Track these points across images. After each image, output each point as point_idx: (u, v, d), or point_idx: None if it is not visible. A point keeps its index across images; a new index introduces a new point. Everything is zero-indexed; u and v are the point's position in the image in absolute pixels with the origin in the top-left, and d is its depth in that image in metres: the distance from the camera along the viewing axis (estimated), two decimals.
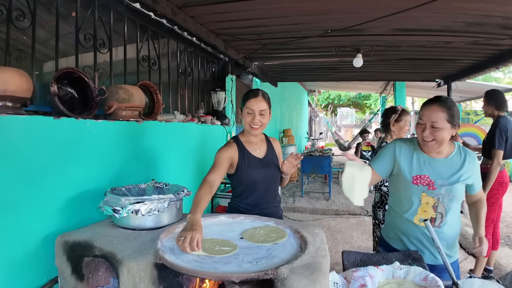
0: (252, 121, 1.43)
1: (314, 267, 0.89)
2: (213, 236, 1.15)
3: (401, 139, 1.45)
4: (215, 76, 3.35)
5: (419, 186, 1.32)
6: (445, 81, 4.71)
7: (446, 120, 1.23)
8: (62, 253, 1.19)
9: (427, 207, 1.32)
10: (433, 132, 1.24)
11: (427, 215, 1.33)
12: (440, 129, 1.23)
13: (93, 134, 1.51)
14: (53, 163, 1.31)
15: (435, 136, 1.25)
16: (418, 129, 1.30)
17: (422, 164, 1.33)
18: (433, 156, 1.33)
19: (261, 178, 1.48)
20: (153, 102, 2.10)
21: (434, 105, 1.26)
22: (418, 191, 1.33)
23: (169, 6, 1.91)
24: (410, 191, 1.34)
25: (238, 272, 0.85)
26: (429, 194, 1.31)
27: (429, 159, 1.33)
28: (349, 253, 1.32)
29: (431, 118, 1.24)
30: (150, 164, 1.96)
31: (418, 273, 1.11)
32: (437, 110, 1.24)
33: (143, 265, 0.99)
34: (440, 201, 1.31)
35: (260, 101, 1.43)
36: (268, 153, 1.54)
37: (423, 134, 1.27)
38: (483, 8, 2.02)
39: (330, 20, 2.22)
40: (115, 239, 1.16)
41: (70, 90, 1.59)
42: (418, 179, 1.33)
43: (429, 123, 1.25)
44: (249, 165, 1.47)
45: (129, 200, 1.22)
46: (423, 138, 1.27)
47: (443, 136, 1.25)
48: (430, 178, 1.31)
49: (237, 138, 1.53)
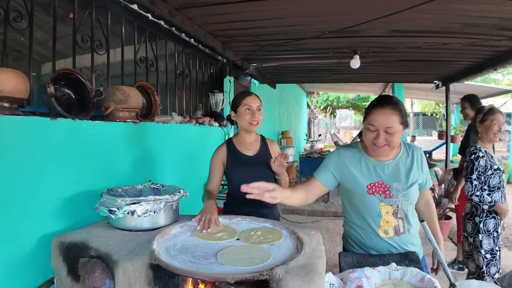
0: (252, 117, 1.50)
1: (309, 268, 0.89)
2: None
3: (343, 146, 1.37)
4: (213, 77, 3.36)
5: (376, 196, 1.24)
6: (443, 82, 4.72)
7: (399, 123, 1.16)
8: (58, 254, 1.19)
9: (388, 217, 1.25)
10: (388, 137, 1.16)
11: (390, 224, 1.26)
12: (394, 133, 1.16)
13: (90, 135, 1.51)
14: (49, 164, 1.31)
15: (389, 141, 1.16)
16: (369, 134, 1.19)
17: (372, 170, 1.25)
18: (381, 160, 1.26)
19: (251, 175, 1.47)
20: (150, 103, 2.10)
21: (385, 109, 1.16)
22: (375, 202, 1.24)
23: (166, 7, 1.91)
24: (367, 202, 1.25)
25: (233, 273, 0.85)
26: (387, 203, 1.24)
27: (378, 163, 1.26)
28: (345, 254, 1.32)
29: (384, 124, 1.15)
30: (147, 165, 1.95)
31: (415, 274, 1.10)
32: (389, 113, 1.15)
33: (138, 265, 0.99)
34: (399, 207, 1.25)
35: (256, 98, 1.53)
36: (259, 152, 1.57)
37: (376, 140, 1.17)
38: (480, 9, 2.02)
39: (327, 22, 2.23)
40: (111, 240, 1.16)
41: (67, 91, 1.59)
42: (373, 187, 1.24)
43: (382, 128, 1.15)
44: (237, 162, 1.52)
45: (125, 201, 1.22)
46: (375, 143, 1.18)
47: (397, 140, 1.18)
48: (385, 184, 1.24)
49: (229, 140, 1.61)
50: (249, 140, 1.57)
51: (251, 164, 1.53)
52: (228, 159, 1.54)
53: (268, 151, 1.59)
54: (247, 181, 1.47)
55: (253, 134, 1.57)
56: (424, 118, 17.52)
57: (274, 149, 1.61)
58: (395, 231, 1.26)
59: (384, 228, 1.26)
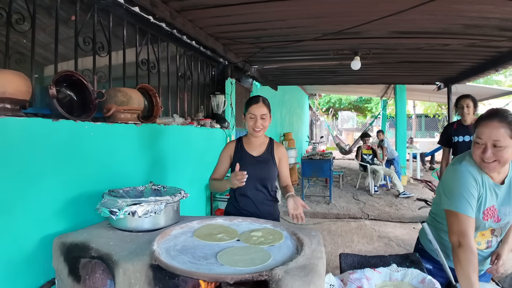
0: (255, 124, 1.56)
1: (309, 268, 0.88)
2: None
3: (465, 162, 1.20)
4: (215, 79, 3.37)
5: (488, 221, 1.18)
6: (445, 84, 4.71)
7: (509, 137, 1.08)
8: (59, 254, 1.20)
9: (485, 231, 1.23)
10: (496, 152, 1.09)
11: (485, 238, 1.24)
12: (503, 147, 1.08)
13: (91, 136, 1.52)
14: (51, 165, 1.32)
15: (498, 156, 1.09)
16: (477, 149, 1.14)
17: (489, 193, 1.17)
18: (496, 182, 1.18)
19: (252, 173, 1.53)
20: (152, 105, 2.11)
21: (493, 121, 1.10)
22: (485, 226, 1.19)
23: (167, 9, 1.93)
24: (477, 227, 1.18)
25: (232, 273, 0.85)
26: (494, 227, 1.22)
27: (494, 185, 1.18)
28: (346, 256, 1.31)
29: (492, 137, 1.09)
30: (149, 166, 1.96)
31: (416, 275, 1.10)
32: (497, 126, 1.08)
33: (138, 266, 0.99)
34: (503, 230, 1.24)
35: (261, 107, 1.57)
36: (264, 153, 1.64)
37: (483, 155, 1.11)
38: (481, 10, 2.02)
39: (328, 23, 2.23)
40: (112, 241, 1.17)
41: (69, 93, 1.60)
42: (488, 213, 1.17)
43: (490, 142, 1.09)
44: (242, 160, 1.58)
45: (126, 201, 1.22)
46: (483, 159, 1.12)
47: (507, 156, 1.09)
48: (496, 208, 1.18)
49: (240, 138, 1.70)
50: (256, 142, 1.64)
51: (254, 163, 1.59)
52: (234, 155, 1.63)
53: (272, 153, 1.65)
54: (247, 179, 1.51)
55: (261, 137, 1.63)
56: (427, 119, 17.45)
57: (279, 152, 1.65)
58: (487, 245, 1.25)
59: (478, 240, 1.24)
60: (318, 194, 5.82)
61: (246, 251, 1.03)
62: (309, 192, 5.91)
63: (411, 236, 3.64)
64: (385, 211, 4.64)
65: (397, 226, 4.13)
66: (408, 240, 3.50)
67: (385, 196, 5.63)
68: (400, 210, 4.73)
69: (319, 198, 5.52)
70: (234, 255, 1.00)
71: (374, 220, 4.36)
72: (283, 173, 1.65)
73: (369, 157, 6.05)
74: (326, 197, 5.43)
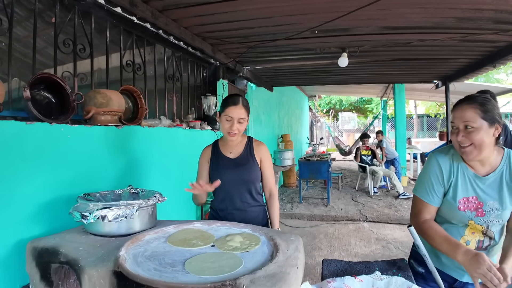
0: (231, 128, 1.42)
1: (278, 277, 0.82)
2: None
3: (438, 150, 1.22)
4: (206, 81, 3.33)
5: (466, 213, 1.14)
6: (443, 82, 4.63)
7: (480, 117, 1.05)
8: (31, 259, 1.17)
9: (475, 230, 1.18)
10: (467, 134, 1.06)
11: (475, 237, 1.17)
12: (475, 129, 1.05)
13: (68, 139, 1.48)
14: (25, 168, 1.28)
15: (471, 138, 1.06)
16: (453, 135, 1.12)
17: (468, 183, 1.14)
18: (479, 173, 1.14)
19: (231, 177, 1.46)
20: (137, 107, 2.08)
21: (463, 104, 1.10)
22: (464, 218, 1.15)
23: (148, 9, 1.89)
24: (455, 217, 1.16)
25: (193, 282, 0.79)
26: (477, 222, 1.15)
27: (474, 176, 1.14)
28: (329, 262, 1.25)
29: (462, 118, 1.07)
30: (131, 169, 1.91)
31: (400, 284, 1.03)
32: (466, 108, 1.07)
33: (102, 272, 0.94)
34: (489, 228, 1.16)
35: (240, 109, 1.42)
36: (242, 154, 1.52)
37: (457, 138, 1.09)
38: (474, 1, 1.92)
39: (314, 20, 2.17)
40: (82, 246, 1.13)
41: (48, 95, 1.57)
42: (465, 203, 1.14)
43: (461, 125, 1.08)
44: (218, 164, 1.49)
45: (97, 205, 1.17)
46: (459, 144, 1.09)
47: (480, 137, 1.05)
48: (478, 200, 1.13)
49: (216, 141, 1.58)
50: (231, 142, 1.52)
51: (231, 166, 1.48)
52: (211, 160, 1.52)
53: (252, 153, 1.52)
54: (225, 184, 1.43)
55: (236, 140, 1.51)
56: (428, 119, 17.30)
57: (260, 151, 1.53)
58: (477, 245, 1.18)
59: (467, 239, 1.18)
60: (316, 196, 5.74)
61: (217, 258, 0.97)
62: (307, 194, 5.83)
63: (409, 238, 3.53)
64: (384, 213, 4.56)
65: (396, 228, 4.05)
66: (407, 242, 3.42)
67: (384, 197, 5.54)
68: (399, 211, 4.64)
69: (317, 200, 5.44)
70: (203, 262, 0.95)
71: (373, 222, 4.27)
72: (266, 175, 1.53)
73: (368, 158, 5.97)
74: (324, 199, 5.35)
